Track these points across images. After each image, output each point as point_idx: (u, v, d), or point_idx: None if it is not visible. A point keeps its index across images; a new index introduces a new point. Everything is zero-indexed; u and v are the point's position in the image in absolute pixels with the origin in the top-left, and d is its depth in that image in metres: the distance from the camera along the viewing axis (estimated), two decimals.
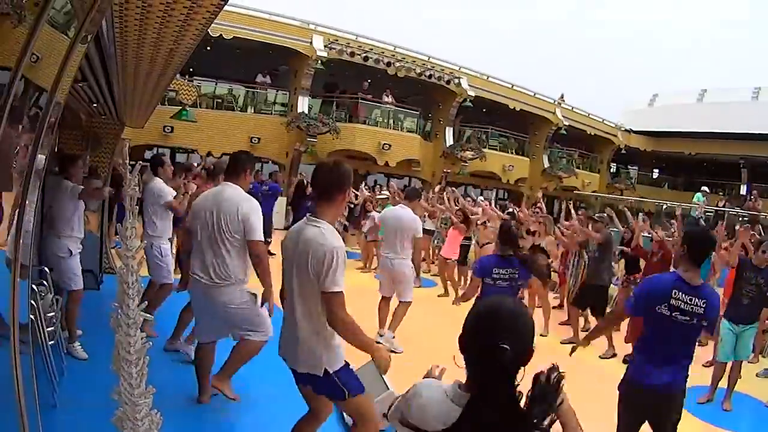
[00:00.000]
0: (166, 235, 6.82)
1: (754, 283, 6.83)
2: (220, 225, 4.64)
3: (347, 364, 3.46)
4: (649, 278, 4.44)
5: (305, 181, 14.59)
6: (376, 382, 5.03)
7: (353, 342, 3.32)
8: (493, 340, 1.69)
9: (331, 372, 3.35)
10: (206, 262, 4.66)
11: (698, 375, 6.32)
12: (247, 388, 5.16)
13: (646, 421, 3.99)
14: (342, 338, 3.36)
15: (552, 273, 10.48)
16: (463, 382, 1.84)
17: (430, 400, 1.86)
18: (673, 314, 3.79)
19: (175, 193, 6.80)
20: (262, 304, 4.79)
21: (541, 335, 8.53)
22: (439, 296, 11.04)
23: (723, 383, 6.83)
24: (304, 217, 3.51)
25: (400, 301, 7.56)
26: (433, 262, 13.52)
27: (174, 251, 7.96)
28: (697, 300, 3.77)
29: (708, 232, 4.47)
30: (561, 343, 8.30)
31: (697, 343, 4.17)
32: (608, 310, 8.78)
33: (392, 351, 6.79)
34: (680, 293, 3.79)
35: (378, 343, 3.83)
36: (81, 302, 5.87)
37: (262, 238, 4.72)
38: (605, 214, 10.42)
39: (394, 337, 7.41)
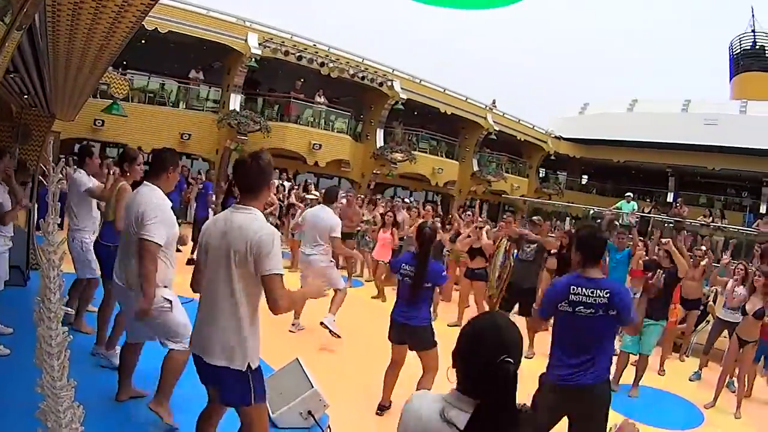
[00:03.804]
0: (88, 229, 6.84)
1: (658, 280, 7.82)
2: (131, 227, 4.61)
3: (260, 367, 3.53)
4: (552, 281, 5.17)
5: None
6: (300, 379, 5.43)
7: (298, 306, 3.80)
8: (499, 355, 1.85)
9: (252, 368, 3.44)
10: (121, 266, 4.76)
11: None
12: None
13: (567, 418, 4.22)
14: (288, 311, 3.57)
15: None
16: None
17: (421, 408, 2.00)
18: (576, 309, 4.08)
19: (97, 184, 6.88)
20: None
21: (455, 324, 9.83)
22: (372, 297, 11.77)
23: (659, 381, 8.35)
24: (229, 207, 3.63)
25: (335, 290, 7.98)
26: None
27: None
28: (598, 291, 4.07)
29: (595, 232, 4.61)
30: None
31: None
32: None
33: (334, 334, 7.81)
34: (578, 288, 4.11)
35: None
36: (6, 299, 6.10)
37: (154, 240, 4.46)
38: (540, 218, 11.27)
39: (334, 321, 7.91)
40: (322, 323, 7.81)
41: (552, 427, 4.20)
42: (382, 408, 5.91)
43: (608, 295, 4.05)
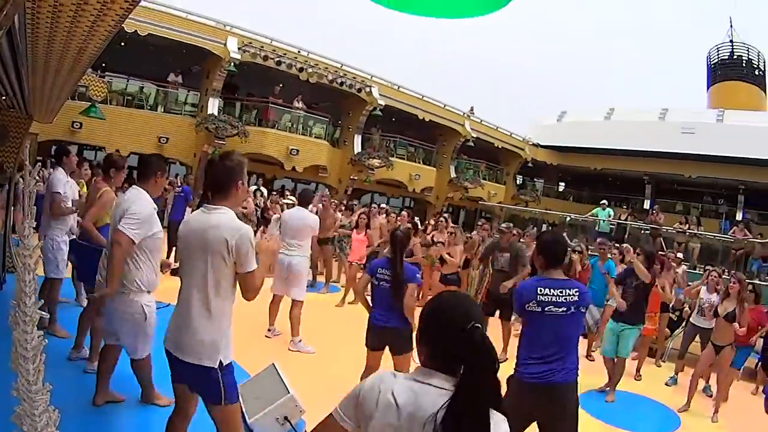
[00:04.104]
0: (62, 228, 6.81)
1: (633, 286, 8.03)
2: (115, 224, 4.61)
3: (232, 367, 3.58)
4: (521, 283, 5.07)
5: None
6: (276, 384, 5.43)
7: (260, 284, 3.47)
8: (467, 323, 1.89)
9: (223, 364, 3.46)
10: (102, 266, 4.82)
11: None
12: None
13: (537, 420, 4.27)
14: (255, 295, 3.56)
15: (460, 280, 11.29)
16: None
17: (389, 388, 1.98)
18: (546, 309, 4.20)
19: (73, 184, 6.93)
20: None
21: None
22: (350, 303, 11.48)
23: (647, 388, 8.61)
24: (204, 206, 3.63)
25: (292, 301, 8.14)
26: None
27: None
28: (567, 290, 4.23)
29: (557, 236, 4.82)
30: None
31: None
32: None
33: (304, 352, 7.84)
34: (546, 289, 4.24)
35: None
36: None
37: (127, 233, 4.45)
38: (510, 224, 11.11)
39: (300, 341, 8.00)
40: (291, 350, 7.89)
41: (524, 429, 4.26)
42: None
43: (578, 293, 4.23)
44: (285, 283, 8.27)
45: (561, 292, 4.20)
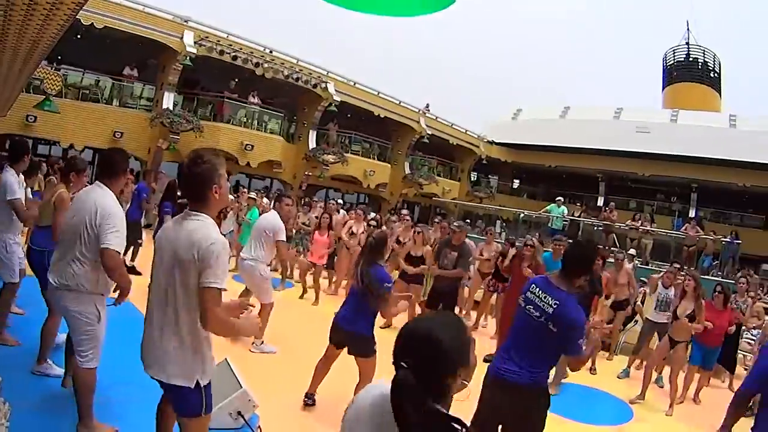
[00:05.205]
0: (14, 229, 6.54)
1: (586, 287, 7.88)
2: (84, 226, 4.46)
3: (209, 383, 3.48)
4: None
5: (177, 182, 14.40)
6: (229, 379, 5.36)
7: (229, 334, 3.57)
8: (397, 358, 1.87)
9: (201, 385, 3.35)
10: (57, 265, 4.59)
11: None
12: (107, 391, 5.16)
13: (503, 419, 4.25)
14: (216, 334, 3.39)
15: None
16: None
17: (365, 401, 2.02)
18: (527, 307, 4.20)
19: (23, 182, 6.63)
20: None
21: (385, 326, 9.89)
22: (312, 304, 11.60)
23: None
24: (183, 212, 3.50)
25: (261, 304, 7.98)
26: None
27: None
28: (549, 298, 4.09)
29: (585, 248, 4.64)
30: None
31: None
32: (457, 309, 9.80)
33: (265, 352, 7.79)
34: (537, 288, 4.20)
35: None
36: None
37: (116, 248, 4.42)
38: (462, 223, 11.28)
39: (263, 343, 7.93)
40: (252, 351, 7.83)
41: (495, 426, 4.23)
42: (309, 396, 6.07)
43: (555, 305, 4.05)
44: (250, 286, 8.40)
45: (544, 297, 4.12)
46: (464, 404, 2.10)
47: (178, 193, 12.65)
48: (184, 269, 3.23)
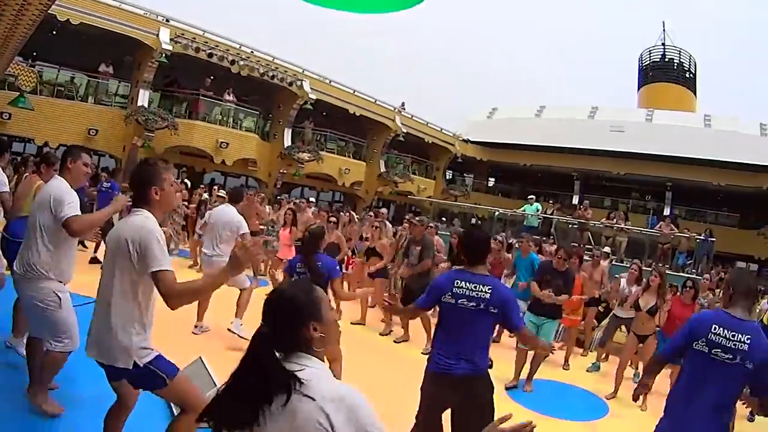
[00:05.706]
0: None
1: (553, 284, 8.21)
2: (43, 214, 4.65)
3: (159, 354, 3.62)
4: (440, 274, 5.22)
5: None
6: (203, 378, 5.33)
7: (204, 295, 3.78)
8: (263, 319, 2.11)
9: (139, 365, 3.49)
10: (20, 254, 4.72)
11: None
12: (76, 387, 5.23)
13: (450, 410, 4.39)
14: (189, 302, 3.54)
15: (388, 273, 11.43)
16: None
17: None
18: (459, 301, 4.31)
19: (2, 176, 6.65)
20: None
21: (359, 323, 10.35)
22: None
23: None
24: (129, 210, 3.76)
25: (240, 290, 8.09)
26: None
27: None
28: (481, 286, 4.29)
29: (479, 233, 4.94)
30: (395, 341, 9.78)
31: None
32: None
33: (242, 337, 7.57)
34: (462, 282, 4.34)
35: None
36: None
37: (76, 214, 4.61)
38: (424, 218, 11.80)
39: (242, 324, 7.80)
40: (229, 329, 7.82)
41: (439, 417, 4.44)
42: None
43: (490, 291, 4.27)
44: None
45: (474, 287, 4.29)
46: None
47: None
48: (123, 257, 3.47)
